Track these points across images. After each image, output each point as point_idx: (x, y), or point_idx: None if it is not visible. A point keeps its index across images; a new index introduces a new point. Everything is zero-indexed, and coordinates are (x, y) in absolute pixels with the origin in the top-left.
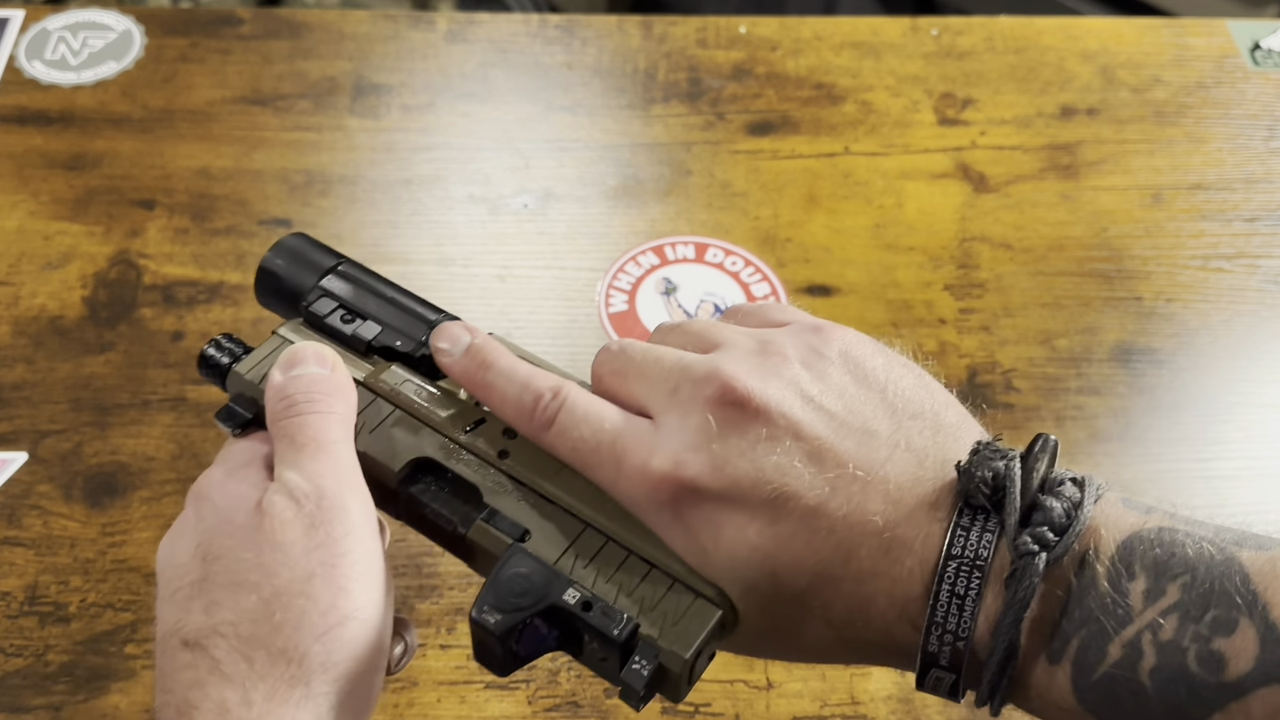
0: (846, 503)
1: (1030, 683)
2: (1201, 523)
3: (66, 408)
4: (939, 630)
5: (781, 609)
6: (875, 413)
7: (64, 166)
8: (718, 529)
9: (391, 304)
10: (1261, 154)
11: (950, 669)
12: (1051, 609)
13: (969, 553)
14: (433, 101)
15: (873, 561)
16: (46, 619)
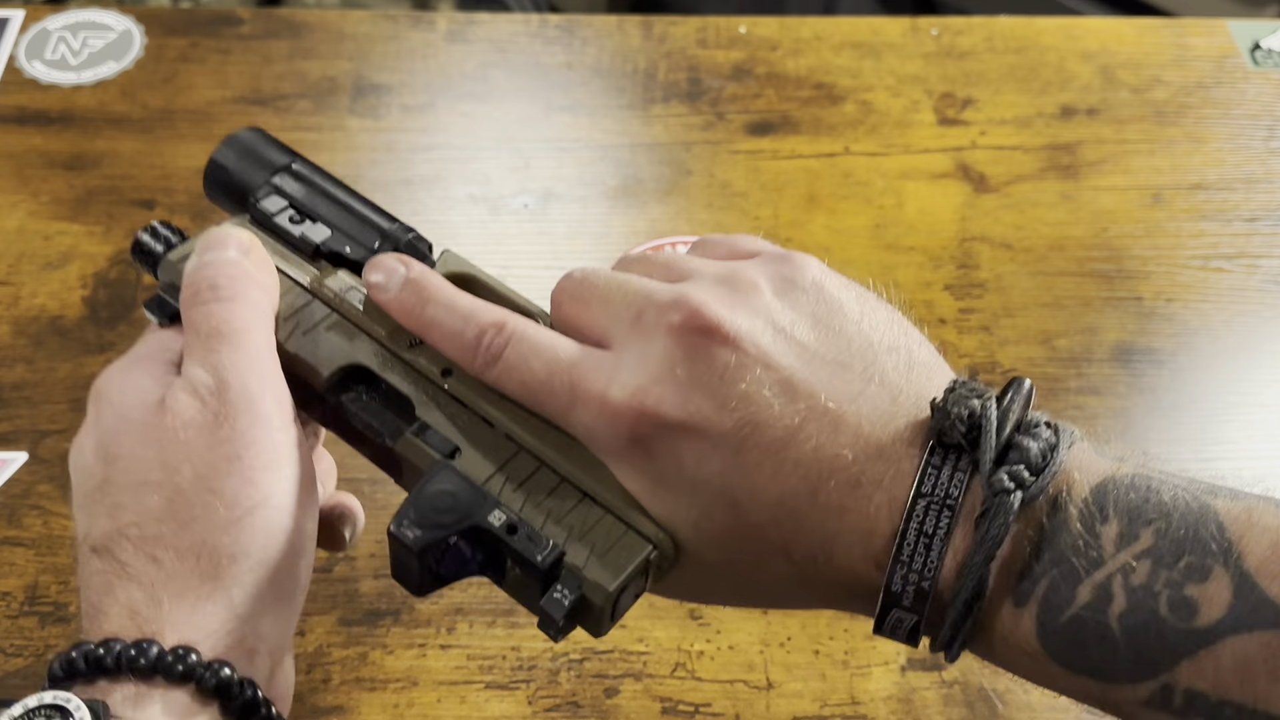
0: (816, 435)
1: (994, 626)
2: (1174, 473)
3: (66, 408)
4: (904, 569)
5: (739, 543)
6: (849, 346)
7: (64, 166)
8: (679, 458)
9: (345, 209)
10: (1262, 154)
11: (912, 609)
12: (1021, 550)
13: (939, 491)
14: (433, 101)
15: (840, 496)
16: (47, 619)
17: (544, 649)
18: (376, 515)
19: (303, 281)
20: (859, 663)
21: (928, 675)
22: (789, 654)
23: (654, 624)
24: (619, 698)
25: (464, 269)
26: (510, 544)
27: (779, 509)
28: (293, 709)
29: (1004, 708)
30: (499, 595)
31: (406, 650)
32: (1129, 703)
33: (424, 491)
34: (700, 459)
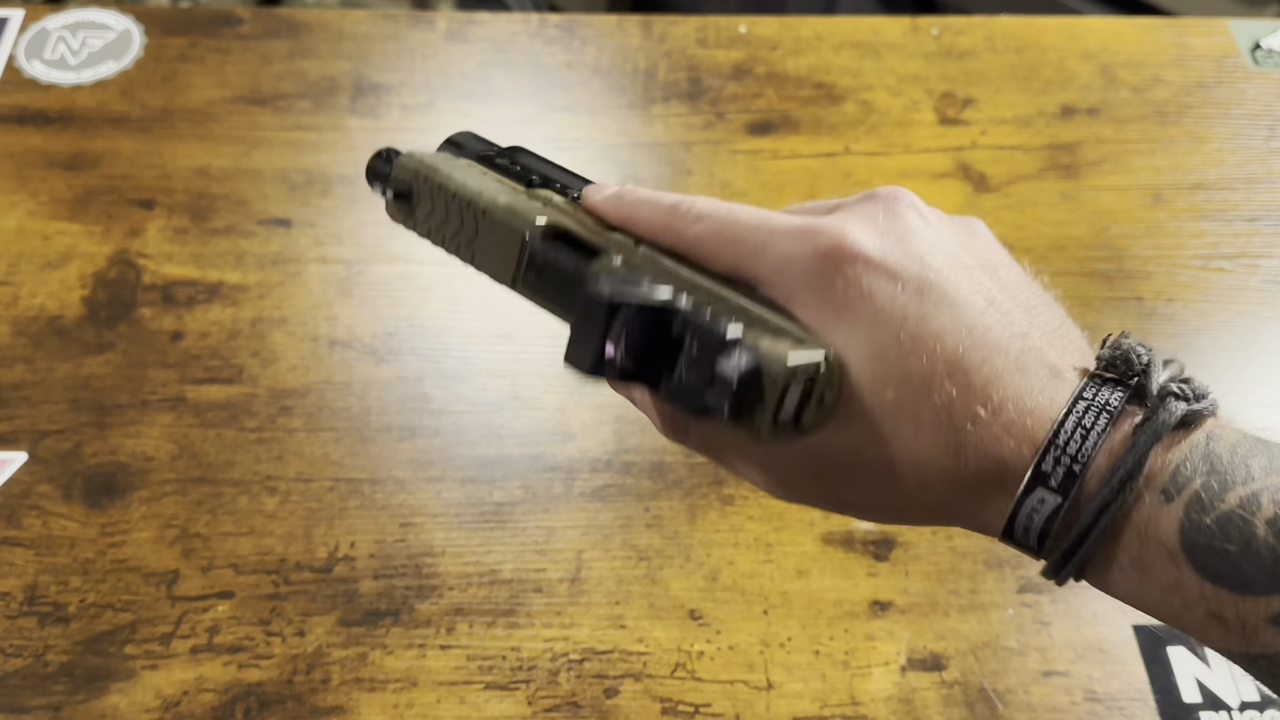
0: (987, 314)
1: (1136, 517)
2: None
3: (66, 408)
4: (1058, 451)
5: (907, 389)
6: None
7: (63, 166)
8: (867, 287)
9: (554, 168)
10: (1262, 154)
11: (1059, 490)
12: (1176, 454)
13: (1100, 399)
14: (432, 101)
15: (1006, 372)
16: (46, 619)
17: (544, 649)
18: (376, 515)
19: (519, 188)
20: (859, 663)
21: (928, 676)
22: (789, 654)
23: (654, 624)
24: (619, 698)
25: None
26: (692, 317)
27: (950, 361)
28: (292, 709)
29: (1004, 708)
30: (499, 596)
31: (406, 650)
32: (1254, 617)
33: (608, 270)
34: (887, 295)
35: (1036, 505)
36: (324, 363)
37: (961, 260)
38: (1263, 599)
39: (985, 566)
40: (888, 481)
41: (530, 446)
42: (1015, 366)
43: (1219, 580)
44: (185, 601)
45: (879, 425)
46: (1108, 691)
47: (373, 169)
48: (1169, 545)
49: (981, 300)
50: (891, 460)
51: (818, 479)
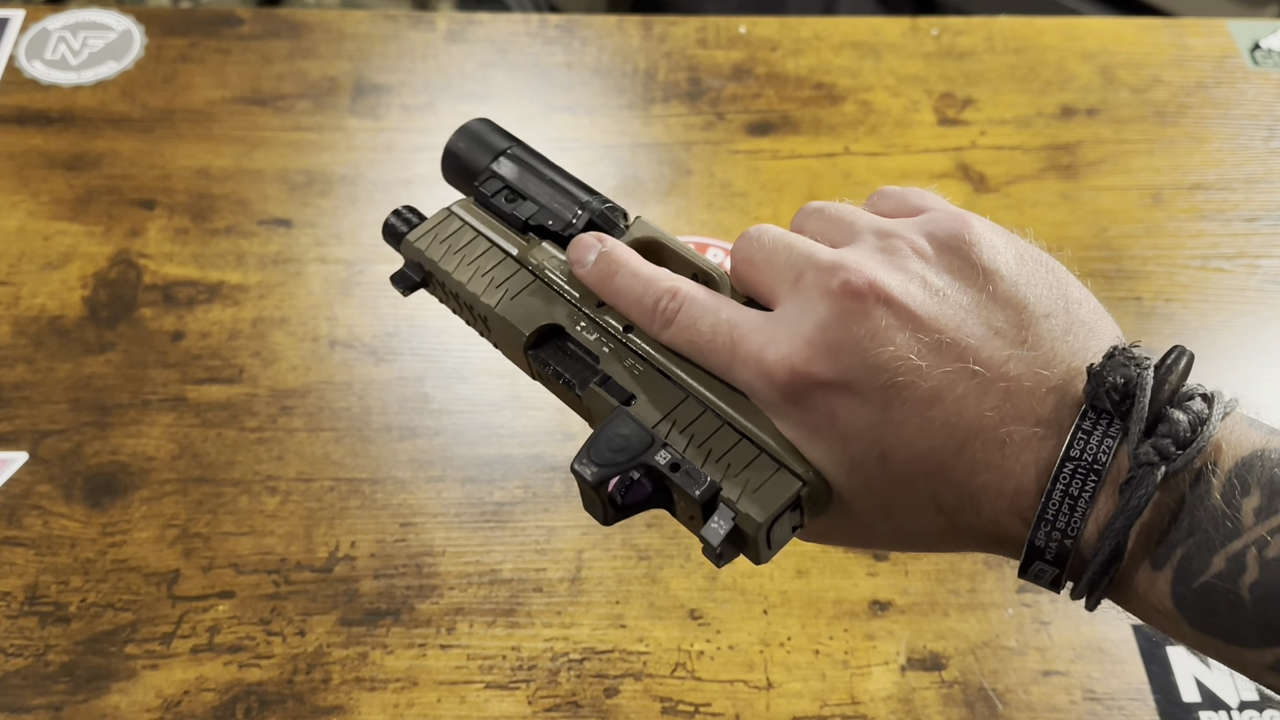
0: (963, 397)
1: (1131, 584)
2: None
3: (67, 408)
4: (1048, 527)
5: (890, 492)
6: (1002, 310)
7: (64, 166)
8: (831, 412)
9: (551, 185)
10: (1261, 154)
11: (1054, 564)
12: (1161, 517)
13: (1087, 456)
14: (432, 101)
15: (985, 455)
16: (47, 619)
17: (544, 649)
18: (376, 515)
19: (512, 253)
20: (859, 663)
21: (927, 675)
22: (789, 654)
23: (654, 624)
24: (619, 698)
25: (651, 234)
26: (673, 479)
27: (926, 463)
28: (292, 708)
29: (1004, 708)
30: (499, 595)
31: (406, 650)
32: (1255, 665)
33: (601, 434)
34: (850, 413)
35: (1039, 573)
36: (324, 363)
37: (931, 335)
38: (1255, 651)
39: (985, 566)
40: (902, 544)
41: (530, 446)
42: (995, 444)
43: (1216, 635)
44: (186, 601)
45: (875, 515)
46: (1107, 691)
47: (389, 228)
48: (1163, 607)
49: (956, 380)
50: (891, 535)
51: (846, 540)
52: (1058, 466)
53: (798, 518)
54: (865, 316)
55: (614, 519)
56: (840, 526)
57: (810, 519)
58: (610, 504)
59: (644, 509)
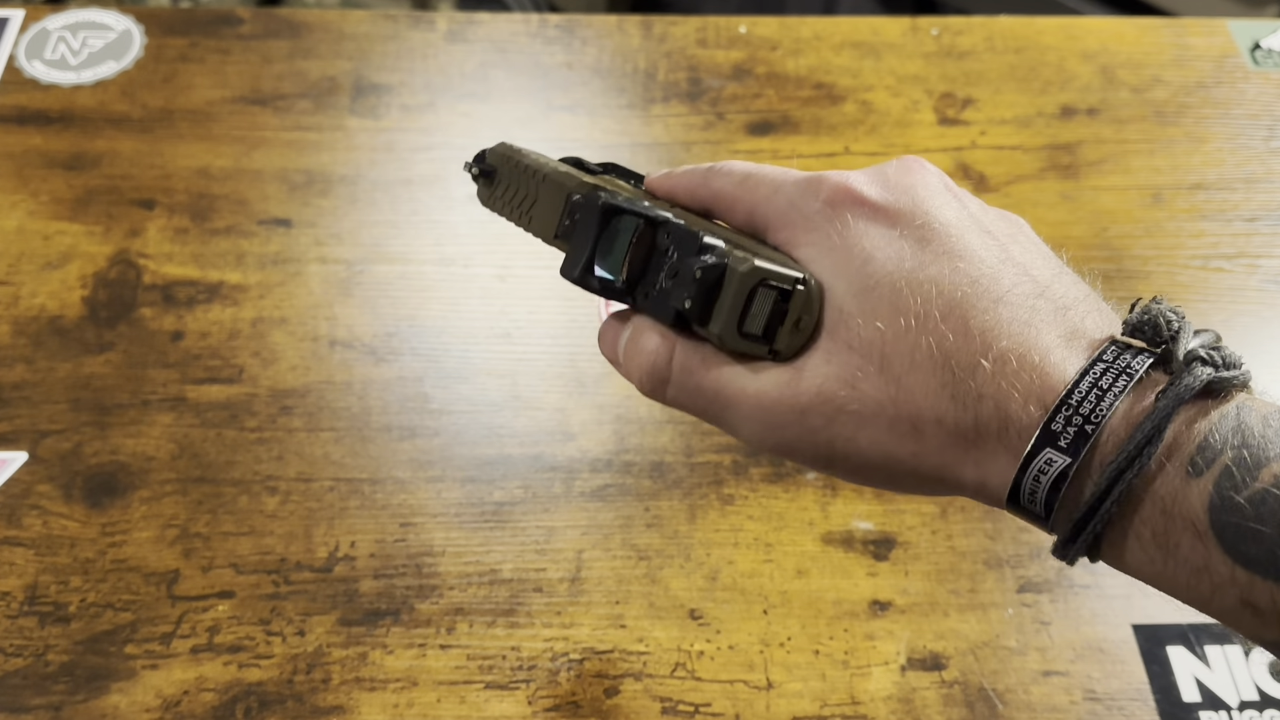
0: (1005, 266)
1: (1157, 491)
2: None
3: (66, 408)
4: (1069, 410)
5: (898, 329)
6: (1034, 245)
7: (63, 166)
8: (862, 233)
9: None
10: (1262, 154)
11: (1068, 451)
12: (1203, 423)
13: (1121, 363)
14: (433, 101)
15: (1012, 322)
16: (46, 619)
17: (544, 649)
18: (376, 515)
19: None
20: (859, 663)
21: (928, 675)
22: (789, 654)
23: (654, 624)
24: (619, 698)
25: None
26: (674, 223)
27: (946, 305)
28: (292, 709)
29: (1004, 708)
30: (499, 595)
31: (406, 650)
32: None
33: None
34: (883, 239)
35: (1044, 467)
36: (324, 363)
37: (978, 222)
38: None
39: (985, 566)
40: (877, 424)
41: (530, 446)
42: (1025, 320)
43: (1253, 565)
44: (185, 601)
45: (868, 359)
46: (1107, 691)
47: (477, 157)
48: (1197, 523)
49: (991, 258)
50: (882, 398)
51: (803, 418)
52: (1089, 363)
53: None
54: (925, 176)
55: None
56: (817, 379)
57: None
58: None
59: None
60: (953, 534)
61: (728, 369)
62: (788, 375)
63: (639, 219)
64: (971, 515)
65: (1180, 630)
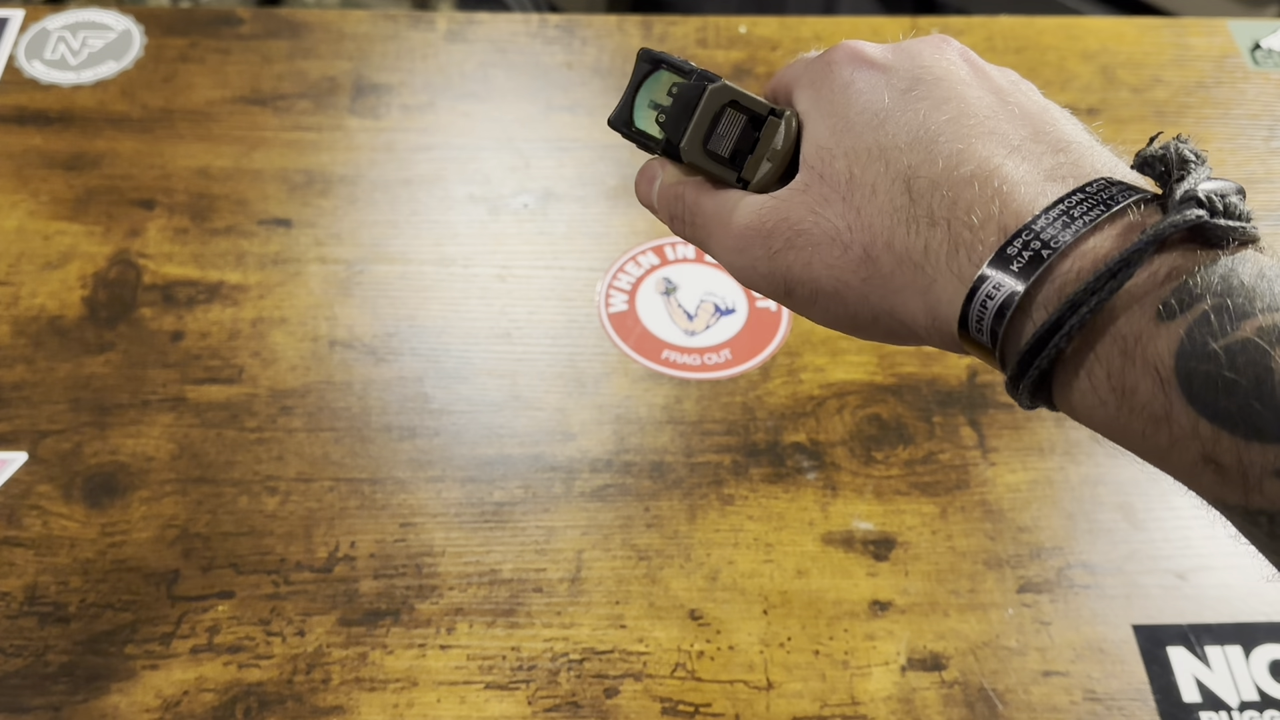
0: (988, 118)
1: (1119, 329)
2: None
3: (66, 408)
4: (1028, 235)
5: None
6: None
7: (63, 166)
8: (851, 81)
9: None
10: (1262, 154)
11: (1020, 275)
12: (1186, 266)
13: (1104, 195)
14: (432, 101)
15: (986, 155)
16: (46, 619)
17: (544, 649)
18: (376, 515)
19: None
20: (859, 663)
21: (928, 675)
22: (789, 654)
23: (654, 624)
24: (619, 698)
25: None
26: (692, 68)
27: (917, 137)
28: (292, 709)
29: (1004, 708)
30: (499, 596)
31: (406, 650)
32: (1259, 468)
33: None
34: (871, 85)
35: (991, 292)
36: (324, 363)
37: (986, 81)
38: (1272, 447)
39: (985, 566)
40: (832, 249)
41: (530, 446)
42: (1003, 153)
43: (1219, 419)
44: (185, 601)
45: (835, 187)
46: (1107, 691)
47: None
48: (1160, 368)
49: (984, 107)
50: (839, 226)
51: (766, 241)
52: (1066, 194)
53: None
54: (942, 43)
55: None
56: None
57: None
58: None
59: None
60: (953, 534)
61: (715, 196)
62: (760, 200)
63: (673, 71)
64: (971, 515)
65: (1180, 631)
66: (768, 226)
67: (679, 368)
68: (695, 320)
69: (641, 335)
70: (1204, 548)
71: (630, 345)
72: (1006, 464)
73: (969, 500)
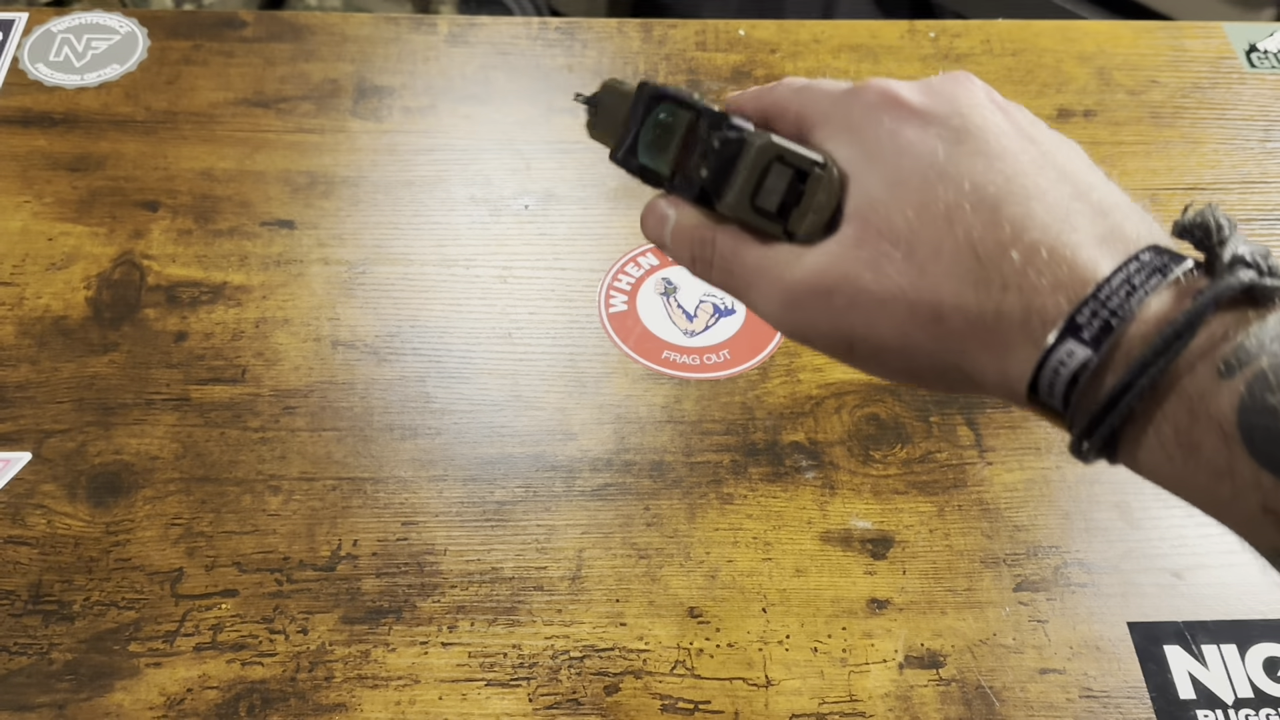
0: (1043, 169)
1: (1184, 388)
2: None
3: (70, 408)
4: (1096, 304)
5: (926, 218)
6: (1076, 155)
7: (68, 168)
8: (897, 131)
9: None
10: (1257, 155)
11: (1091, 344)
12: (1241, 326)
13: (1157, 263)
14: (434, 104)
15: (1051, 221)
16: (50, 617)
17: (545, 647)
18: (378, 515)
19: None
20: (857, 660)
21: (925, 673)
22: (788, 652)
23: (654, 622)
24: (619, 695)
25: None
26: (713, 111)
27: (981, 196)
28: (295, 706)
29: (1000, 705)
30: (500, 594)
31: (408, 648)
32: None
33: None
34: (919, 136)
35: (1065, 358)
36: (327, 363)
37: (1020, 129)
38: None
39: (982, 565)
40: (898, 308)
41: (531, 446)
42: (1060, 217)
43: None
44: (189, 599)
45: (895, 244)
46: (1104, 689)
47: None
48: (1223, 424)
49: (1030, 161)
50: (904, 285)
51: (827, 299)
52: (1125, 261)
53: (796, 192)
54: (970, 84)
55: (629, 158)
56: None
57: (809, 222)
58: (634, 144)
59: (651, 175)
60: (950, 533)
61: (759, 249)
62: (815, 256)
63: (679, 105)
64: (969, 514)
65: (1176, 628)
66: (827, 284)
67: (679, 368)
68: (695, 320)
69: (641, 335)
70: (1200, 546)
71: (630, 345)
72: (1003, 463)
73: (966, 499)
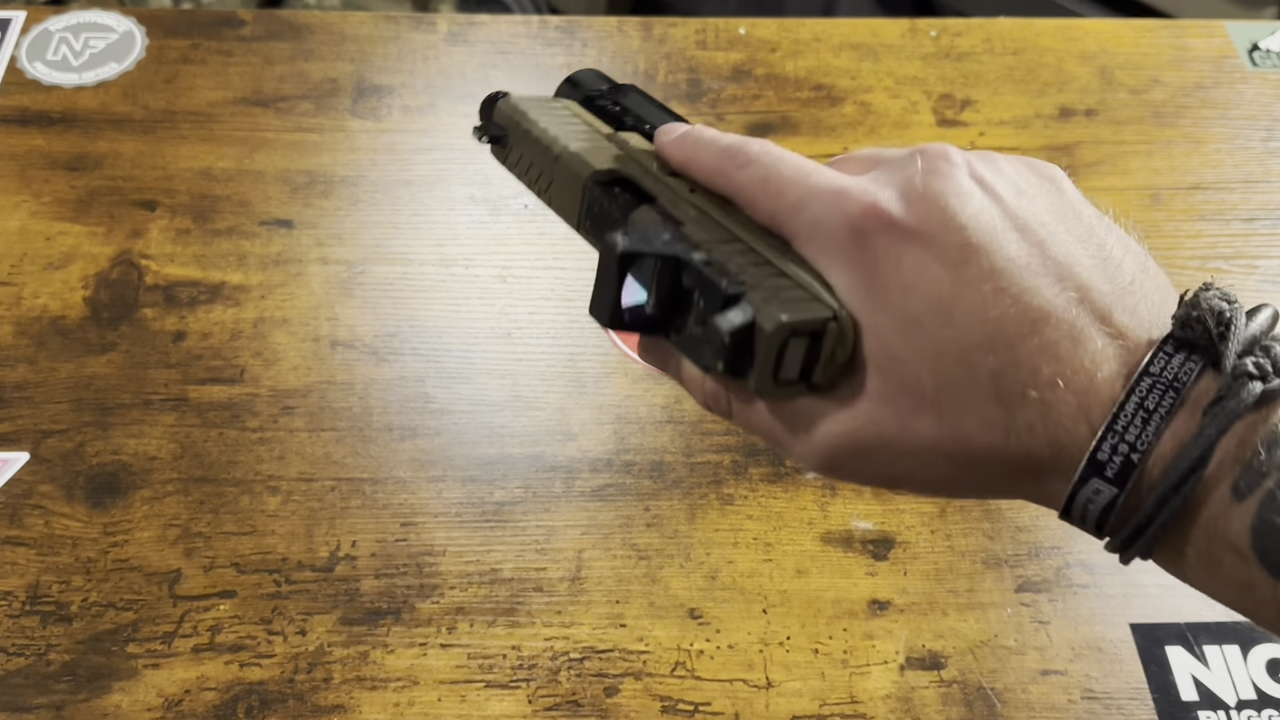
0: (1042, 277)
1: (1202, 513)
2: None
3: (68, 408)
4: (1115, 439)
5: (947, 365)
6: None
7: (66, 167)
8: (897, 260)
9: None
10: (1260, 154)
11: (1114, 482)
12: (1249, 444)
13: (1168, 374)
14: (433, 103)
15: (1058, 343)
16: (48, 618)
17: (544, 648)
18: (377, 515)
19: (602, 131)
20: (858, 662)
21: (926, 674)
22: (788, 653)
23: (654, 623)
24: (619, 696)
25: None
26: (701, 270)
27: (993, 330)
28: (293, 708)
29: (1002, 707)
30: (499, 595)
31: (407, 649)
32: None
33: (642, 220)
34: (919, 265)
35: (1092, 496)
36: (325, 363)
37: (1013, 218)
38: None
39: (984, 566)
40: (936, 459)
41: (531, 446)
42: (1068, 336)
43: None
44: (187, 600)
45: (921, 400)
46: (1105, 690)
47: (481, 112)
48: (1239, 546)
49: (1033, 263)
50: (938, 437)
51: (864, 457)
52: (1134, 379)
53: (816, 349)
54: (954, 178)
55: (616, 320)
56: (873, 423)
57: (829, 370)
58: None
59: (648, 329)
60: (951, 534)
61: (780, 408)
62: (845, 416)
63: (659, 260)
64: (970, 515)
65: (1178, 630)
66: (861, 444)
67: None
68: None
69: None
70: None
71: (630, 346)
72: None
73: (967, 500)
